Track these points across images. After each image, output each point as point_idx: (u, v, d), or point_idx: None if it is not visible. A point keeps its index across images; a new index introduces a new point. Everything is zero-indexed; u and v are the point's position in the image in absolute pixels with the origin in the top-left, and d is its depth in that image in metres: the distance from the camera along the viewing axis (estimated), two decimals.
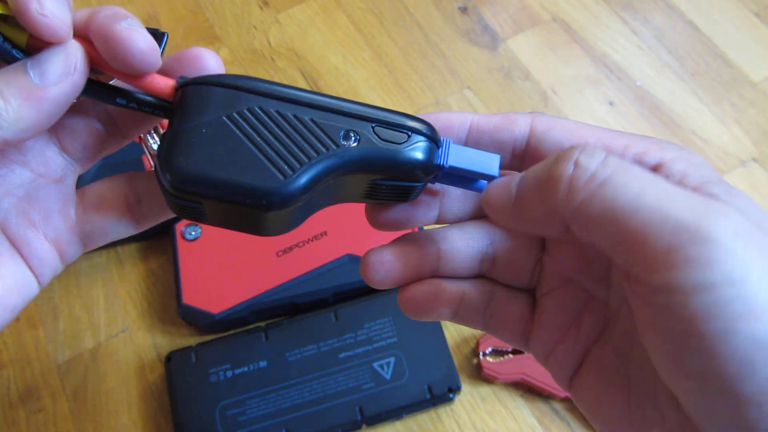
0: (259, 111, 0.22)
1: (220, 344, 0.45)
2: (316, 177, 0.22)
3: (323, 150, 0.22)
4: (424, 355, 0.44)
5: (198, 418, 0.42)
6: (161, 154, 0.21)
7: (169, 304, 0.50)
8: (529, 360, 0.45)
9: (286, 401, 0.42)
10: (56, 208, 0.24)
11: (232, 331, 0.47)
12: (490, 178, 0.24)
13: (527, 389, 0.46)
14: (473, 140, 0.25)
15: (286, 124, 0.22)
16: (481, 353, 0.45)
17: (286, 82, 0.22)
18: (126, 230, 0.25)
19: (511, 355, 0.45)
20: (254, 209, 0.22)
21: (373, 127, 0.22)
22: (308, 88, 0.24)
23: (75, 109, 0.24)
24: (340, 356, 0.44)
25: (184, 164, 0.21)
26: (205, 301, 0.45)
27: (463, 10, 0.64)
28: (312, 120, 0.22)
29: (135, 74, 0.22)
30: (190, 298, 0.45)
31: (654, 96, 0.58)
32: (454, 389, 0.43)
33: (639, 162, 0.22)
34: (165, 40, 0.23)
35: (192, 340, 0.48)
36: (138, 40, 0.21)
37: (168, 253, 0.51)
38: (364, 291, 0.46)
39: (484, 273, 0.26)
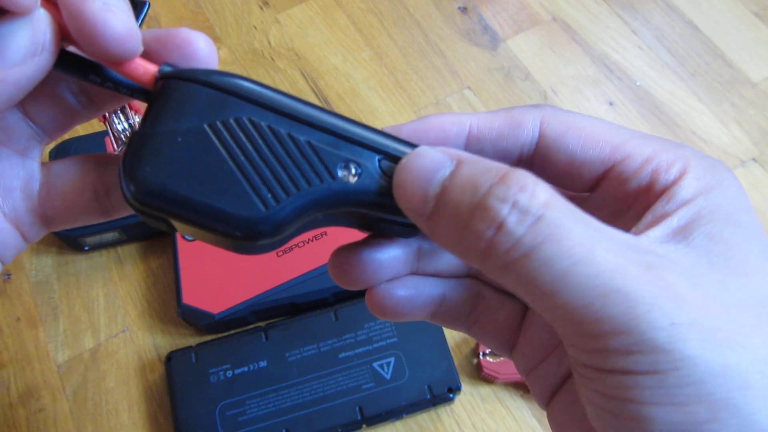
0: (247, 123, 0.18)
1: (220, 344, 0.45)
2: (302, 211, 0.19)
3: (316, 181, 0.19)
4: (424, 355, 0.44)
5: (198, 418, 0.42)
6: (127, 159, 0.18)
7: (169, 304, 0.50)
8: None
9: (286, 401, 0.42)
10: (18, 185, 0.21)
11: (232, 331, 0.47)
12: None
13: (527, 389, 0.46)
14: (474, 151, 0.21)
15: (277, 144, 0.19)
16: (481, 353, 0.45)
17: (286, 83, 0.20)
18: (92, 220, 0.23)
19: None
20: (227, 238, 0.19)
21: (379, 160, 0.19)
22: (310, 89, 0.21)
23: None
24: (340, 356, 0.44)
25: (150, 175, 0.18)
26: (205, 301, 0.45)
27: (463, 10, 0.64)
28: (309, 143, 0.19)
29: (110, 60, 0.19)
30: (190, 298, 0.45)
31: (654, 96, 0.58)
32: (454, 389, 0.43)
33: (657, 178, 0.19)
34: (145, 10, 0.21)
35: (192, 340, 0.48)
36: (114, 24, 0.17)
37: (168, 253, 0.51)
38: (363, 291, 0.46)
39: (473, 273, 0.23)
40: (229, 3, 0.65)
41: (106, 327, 0.49)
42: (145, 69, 0.19)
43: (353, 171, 0.19)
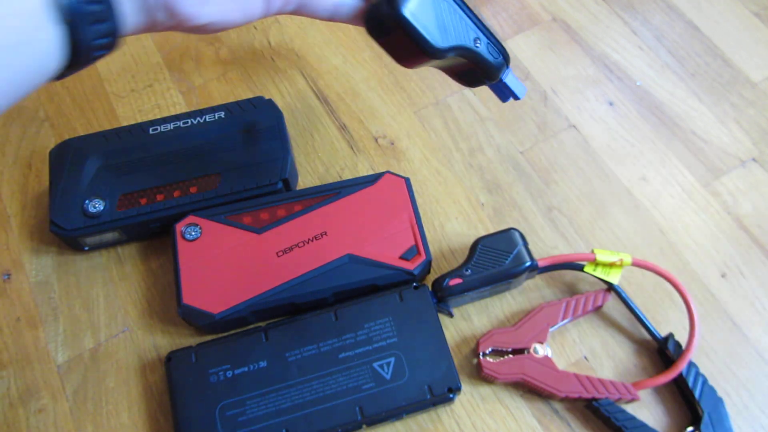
0: (455, 6, 0.37)
1: (220, 344, 0.45)
2: (456, 49, 0.37)
3: (467, 39, 0.38)
4: (424, 355, 0.44)
5: (198, 418, 0.42)
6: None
7: (169, 304, 0.50)
8: (529, 360, 0.45)
9: (286, 401, 0.42)
10: None
11: (232, 331, 0.47)
12: (516, 97, 0.43)
13: (527, 389, 0.46)
14: None
15: (461, 22, 0.37)
16: (481, 353, 0.45)
17: (286, 83, 0.23)
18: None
19: (511, 355, 0.45)
20: (420, 49, 0.36)
21: (488, 43, 0.39)
22: (310, 89, 0.32)
23: None
24: (340, 356, 0.44)
25: (408, 8, 0.35)
26: (205, 301, 0.45)
27: None
28: (476, 27, 0.38)
29: None
30: (190, 298, 0.45)
31: (654, 96, 0.58)
32: (454, 389, 0.43)
33: None
34: None
35: (192, 340, 0.48)
36: None
37: (168, 253, 0.51)
38: (364, 291, 0.46)
39: None
40: None
41: (106, 327, 0.49)
42: None
43: (478, 42, 0.39)
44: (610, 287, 0.47)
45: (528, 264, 0.46)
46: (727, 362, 0.47)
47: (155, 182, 0.49)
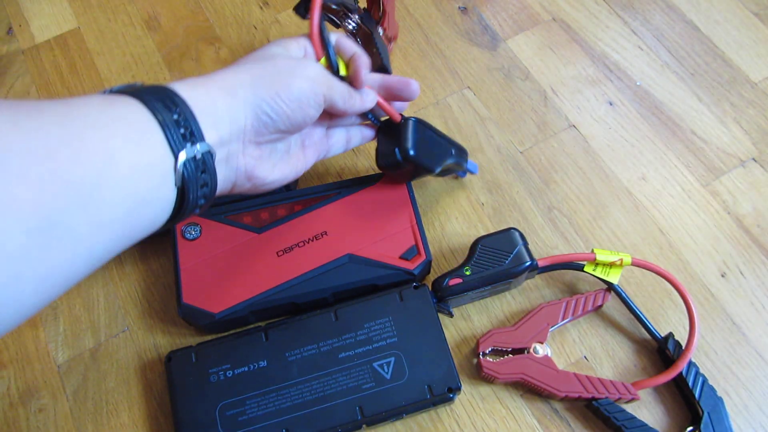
0: (432, 136, 0.47)
1: (220, 344, 0.45)
2: (444, 162, 0.47)
3: (448, 154, 0.47)
4: (424, 355, 0.44)
5: (198, 418, 0.42)
6: (407, 143, 0.44)
7: (169, 304, 0.50)
8: (529, 360, 0.45)
9: (286, 401, 0.42)
10: (317, 139, 0.44)
11: (232, 331, 0.47)
12: (473, 173, 0.54)
13: (527, 389, 0.46)
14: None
15: (440, 145, 0.47)
16: (480, 353, 0.45)
17: None
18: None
19: (511, 355, 0.45)
20: (425, 172, 0.46)
21: (456, 149, 0.49)
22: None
23: None
24: (340, 356, 0.44)
25: (412, 148, 0.44)
26: (205, 301, 0.45)
27: (463, 10, 0.64)
28: (447, 144, 0.48)
29: (403, 100, 0.45)
30: (190, 298, 0.45)
31: (654, 96, 0.58)
32: (454, 389, 0.43)
33: None
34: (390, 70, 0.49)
35: (192, 340, 0.48)
36: (416, 90, 0.44)
37: (168, 253, 0.51)
38: (364, 291, 0.46)
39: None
40: (229, 3, 0.65)
41: (106, 327, 0.49)
42: (398, 113, 0.45)
43: (453, 152, 0.48)
44: (610, 287, 0.47)
45: (528, 264, 0.46)
46: (727, 362, 0.47)
47: None
